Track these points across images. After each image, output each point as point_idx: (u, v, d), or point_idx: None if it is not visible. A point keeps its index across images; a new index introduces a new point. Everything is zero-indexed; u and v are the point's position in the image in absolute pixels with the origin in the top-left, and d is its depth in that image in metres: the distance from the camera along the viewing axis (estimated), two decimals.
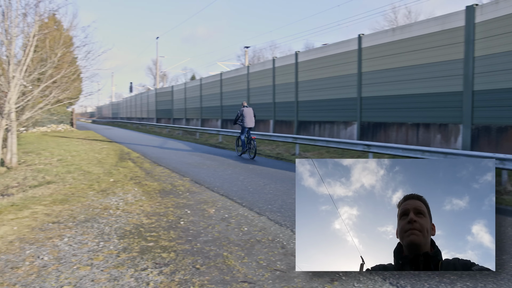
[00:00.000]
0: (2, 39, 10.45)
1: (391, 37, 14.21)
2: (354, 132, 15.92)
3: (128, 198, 7.90)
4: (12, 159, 13.01)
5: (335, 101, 16.98)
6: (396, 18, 46.36)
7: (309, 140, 14.70)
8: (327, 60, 17.39)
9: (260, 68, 23.22)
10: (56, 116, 31.08)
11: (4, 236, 5.50)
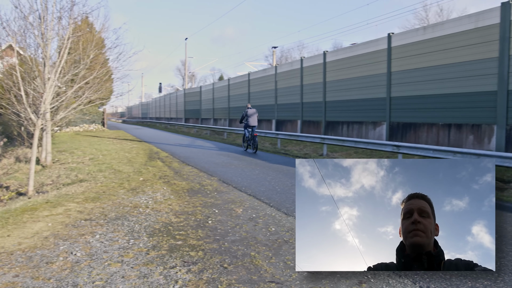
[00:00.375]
0: (38, 41, 10.81)
1: (422, 36, 13.92)
2: (383, 133, 15.68)
3: (157, 197, 8.04)
4: (47, 158, 13.45)
5: (364, 101, 16.76)
6: (427, 16, 45.36)
7: (337, 140, 14.58)
8: (356, 59, 17.19)
9: (288, 68, 23.16)
10: (88, 116, 31.87)
11: (40, 232, 5.70)
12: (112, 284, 3.99)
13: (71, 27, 11.01)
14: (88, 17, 14.41)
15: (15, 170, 13.18)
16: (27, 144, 16.71)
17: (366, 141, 13.26)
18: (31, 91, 10.61)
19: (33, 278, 4.13)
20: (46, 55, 10.72)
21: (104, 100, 20.94)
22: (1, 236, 5.54)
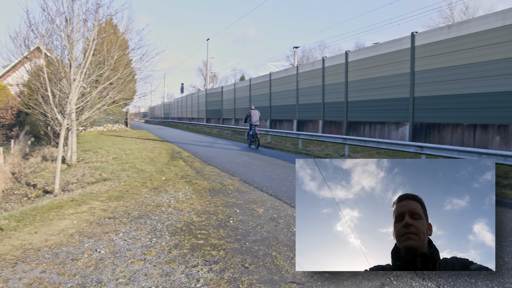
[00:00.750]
0: (65, 43, 11.06)
1: (446, 35, 13.66)
2: (406, 133, 15.45)
3: (179, 196, 8.12)
4: (72, 157, 13.75)
5: (386, 101, 16.56)
6: (452, 15, 44.47)
7: (359, 141, 14.45)
8: (378, 59, 16.99)
9: (310, 68, 23.07)
10: (112, 116, 32.42)
11: (65, 229, 5.83)
12: (135, 282, 4.05)
13: (96, 29, 11.22)
14: (112, 19, 14.66)
15: (42, 169, 13.52)
16: (53, 144, 17.12)
17: (389, 141, 13.10)
18: (57, 91, 10.86)
19: (59, 274, 4.23)
20: (72, 57, 10.96)
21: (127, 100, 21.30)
22: (29, 232, 5.69)
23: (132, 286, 3.96)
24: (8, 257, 4.74)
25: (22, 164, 15.45)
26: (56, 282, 4.05)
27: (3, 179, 12.33)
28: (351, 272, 4.10)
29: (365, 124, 17.96)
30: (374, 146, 13.74)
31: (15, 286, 3.96)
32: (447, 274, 4.09)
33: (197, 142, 22.54)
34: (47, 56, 12.36)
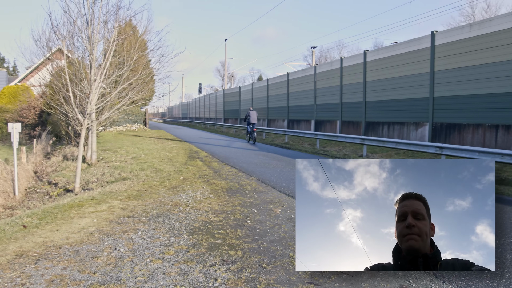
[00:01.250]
0: (85, 44, 11.25)
1: (468, 33, 13.42)
2: (426, 134, 15.24)
3: (197, 196, 8.17)
4: (92, 156, 13.96)
5: (405, 101, 16.36)
6: (474, 13, 43.66)
7: (377, 141, 14.31)
8: (397, 59, 16.80)
9: (327, 68, 22.95)
10: (131, 116, 32.80)
11: (86, 228, 5.93)
12: (153, 280, 4.10)
13: (116, 30, 11.38)
14: (131, 20, 14.87)
15: (63, 168, 13.77)
16: (74, 143, 17.42)
17: (408, 142, 12.94)
18: (78, 92, 11.05)
19: (79, 272, 4.30)
20: (92, 58, 11.14)
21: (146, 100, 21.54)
22: (51, 230, 5.81)
23: (150, 284, 4.00)
24: (31, 253, 4.85)
25: (44, 163, 15.77)
26: (77, 279, 4.13)
27: (26, 178, 12.60)
28: (369, 274, 4.07)
29: (383, 124, 17.77)
30: (393, 146, 13.59)
31: (38, 282, 4.05)
32: (468, 277, 4.03)
33: (214, 142, 22.64)
34: (69, 57, 12.59)
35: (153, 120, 77.15)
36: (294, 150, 17.83)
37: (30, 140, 23.77)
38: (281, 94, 29.17)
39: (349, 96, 20.56)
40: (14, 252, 4.91)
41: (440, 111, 14.60)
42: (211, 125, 41.82)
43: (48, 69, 16.34)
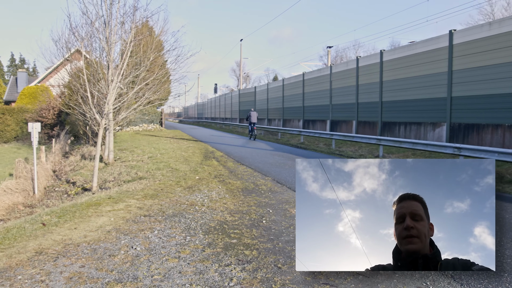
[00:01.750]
0: (103, 45, 11.40)
1: (487, 32, 13.19)
2: (443, 134, 15.03)
3: (213, 196, 8.21)
4: (109, 156, 14.14)
5: (423, 101, 16.16)
6: (493, 11, 42.92)
7: (394, 141, 14.17)
8: (414, 58, 16.61)
9: (343, 68, 22.81)
10: (148, 116, 33.08)
11: (103, 226, 6.01)
12: (169, 279, 4.13)
13: (133, 31, 11.50)
14: (148, 21, 14.98)
15: (81, 167, 13.97)
16: (92, 143, 17.65)
17: (425, 142, 12.78)
18: (96, 92, 11.20)
19: (97, 269, 4.37)
20: (110, 58, 11.28)
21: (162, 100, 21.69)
22: (69, 228, 5.90)
23: (166, 283, 4.04)
24: (50, 251, 4.93)
25: (63, 162, 16.03)
26: (95, 276, 4.18)
27: (45, 177, 12.82)
28: (385, 275, 4.04)
29: (400, 124, 17.59)
30: (410, 147, 13.45)
31: (57, 279, 4.12)
32: (487, 280, 3.97)
33: (230, 142, 22.71)
34: (87, 58, 12.77)
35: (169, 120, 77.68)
36: (310, 150, 17.77)
37: (49, 139, 24.19)
38: (296, 94, 29.10)
39: (365, 96, 20.40)
40: (34, 249, 5.00)
41: (458, 111, 14.39)
42: (226, 125, 41.94)
43: (66, 69, 16.60)
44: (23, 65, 71.56)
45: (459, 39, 14.29)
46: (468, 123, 13.97)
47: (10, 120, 27.52)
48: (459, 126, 14.33)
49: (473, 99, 13.72)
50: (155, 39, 14.64)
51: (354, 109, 21.33)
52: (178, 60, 15.04)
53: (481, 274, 4.02)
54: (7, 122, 27.45)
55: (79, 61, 15.21)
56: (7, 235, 5.58)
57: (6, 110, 27.85)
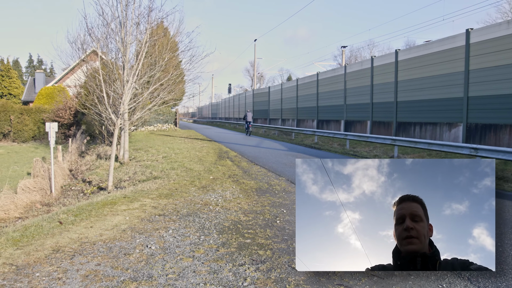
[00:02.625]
0: (119, 46, 11.52)
1: (505, 30, 12.97)
2: (459, 134, 14.83)
3: (227, 195, 8.23)
4: (124, 155, 14.28)
5: (438, 101, 15.97)
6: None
7: (409, 142, 14.02)
8: (430, 58, 16.42)
9: (358, 68, 22.66)
10: (162, 116, 33.33)
11: (118, 225, 6.07)
12: (184, 278, 4.16)
13: (148, 31, 11.59)
14: (163, 21, 15.09)
15: (97, 166, 14.14)
16: (107, 142, 17.85)
17: (441, 143, 12.62)
18: (111, 92, 11.32)
19: (113, 268, 4.42)
20: (125, 59, 11.40)
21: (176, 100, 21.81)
22: (85, 227, 5.98)
23: (181, 282, 4.07)
24: (66, 249, 5.01)
25: (79, 161, 16.24)
26: (110, 275, 4.23)
27: (62, 176, 13.01)
28: (400, 277, 4.01)
29: (415, 124, 17.41)
30: (425, 147, 13.30)
31: (73, 277, 4.18)
32: (505, 284, 3.91)
33: (244, 142, 22.74)
34: (102, 59, 12.92)
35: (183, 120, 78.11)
36: (324, 150, 17.70)
37: (65, 139, 24.54)
38: (310, 94, 29.01)
39: (379, 96, 20.24)
40: (51, 247, 5.08)
41: (475, 111, 14.18)
42: (240, 125, 41.99)
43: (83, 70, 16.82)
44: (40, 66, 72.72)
45: (476, 38, 14.08)
46: (485, 123, 13.76)
47: (28, 120, 28.00)
48: (476, 127, 14.13)
49: (490, 99, 13.51)
50: (170, 39, 14.74)
51: (368, 109, 21.18)
52: (193, 61, 15.11)
53: (498, 277, 3.97)
54: (25, 122, 27.94)
55: (95, 62, 15.40)
56: (26, 233, 5.68)
57: (24, 110, 28.36)
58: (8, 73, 46.27)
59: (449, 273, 4.11)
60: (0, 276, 4.23)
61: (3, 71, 46.64)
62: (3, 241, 5.33)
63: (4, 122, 27.69)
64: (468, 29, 14.45)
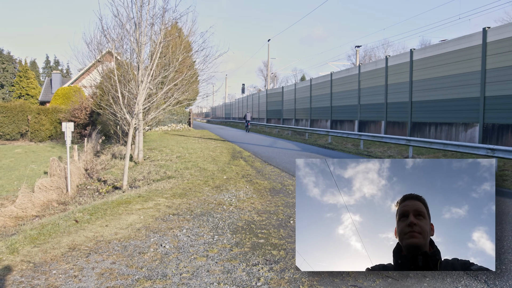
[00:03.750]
0: (133, 47, 11.62)
1: None
2: (476, 135, 14.62)
3: (240, 195, 8.25)
4: (139, 155, 14.41)
5: (454, 101, 15.76)
6: None
7: (424, 142, 13.86)
8: (446, 57, 16.22)
9: (372, 68, 22.50)
10: (176, 116, 33.53)
11: (133, 224, 6.13)
12: (198, 277, 4.18)
13: (163, 32, 11.67)
14: (177, 22, 15.19)
15: (111, 166, 14.29)
16: (122, 142, 18.03)
17: (456, 143, 12.45)
18: (126, 93, 11.42)
19: (127, 266, 4.46)
20: (140, 59, 11.49)
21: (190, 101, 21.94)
22: (101, 225, 6.05)
23: (195, 281, 4.09)
24: (82, 247, 5.08)
25: (94, 161, 16.42)
26: (125, 273, 4.28)
27: (78, 175, 13.18)
28: (416, 279, 3.98)
29: (430, 125, 17.22)
30: (440, 148, 13.14)
31: (89, 275, 4.24)
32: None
33: (257, 142, 22.75)
34: (117, 60, 13.05)
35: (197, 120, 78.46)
36: (337, 150, 17.61)
37: (81, 139, 24.84)
38: (324, 94, 28.90)
39: (394, 96, 20.07)
40: (67, 245, 5.16)
41: (492, 111, 13.97)
42: (253, 125, 42.02)
43: (98, 70, 17.01)
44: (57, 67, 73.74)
45: (494, 37, 13.87)
46: (502, 123, 13.54)
47: (45, 120, 28.44)
48: (493, 127, 13.91)
49: (508, 98, 13.30)
50: (184, 40, 14.83)
51: (383, 109, 21.02)
52: (206, 61, 15.18)
53: None
54: (42, 122, 28.39)
55: (110, 63, 15.56)
56: (43, 231, 5.77)
57: (41, 110, 28.82)
58: (26, 74, 47.03)
59: (465, 275, 4.06)
60: (18, 273, 4.31)
61: (21, 72, 47.44)
62: (21, 238, 5.42)
63: (22, 122, 28.17)
64: (485, 27, 14.24)
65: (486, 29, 14.21)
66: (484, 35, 14.21)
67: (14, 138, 28.23)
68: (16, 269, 4.40)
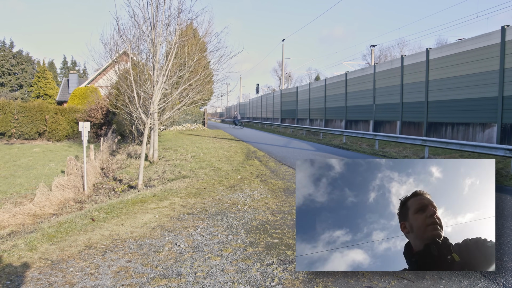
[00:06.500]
0: (149, 47, 11.72)
1: None
2: (494, 135, 14.38)
3: (255, 195, 8.26)
4: (154, 155, 14.52)
5: (471, 101, 15.53)
6: None
7: (440, 143, 13.68)
8: (463, 56, 15.99)
9: (387, 67, 22.30)
10: (191, 116, 33.67)
11: (148, 223, 6.19)
12: (212, 276, 4.20)
13: (178, 32, 11.75)
14: (192, 22, 15.25)
15: (127, 165, 14.43)
16: (137, 142, 18.20)
17: (474, 144, 12.27)
18: (142, 93, 11.54)
19: (143, 265, 4.51)
20: (155, 60, 11.59)
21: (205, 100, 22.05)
22: (116, 224, 6.12)
23: (209, 280, 4.11)
24: (98, 245, 5.14)
25: (110, 160, 16.61)
26: (140, 272, 4.32)
27: (94, 174, 13.34)
28: (432, 280, 3.93)
29: (447, 125, 17.00)
30: (457, 148, 12.95)
31: (105, 272, 4.29)
32: None
33: (271, 142, 22.73)
34: (133, 60, 13.17)
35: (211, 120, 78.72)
36: (352, 151, 17.50)
37: (97, 138, 25.15)
38: (339, 94, 28.75)
39: (410, 96, 19.86)
40: (84, 243, 5.23)
41: (511, 111, 13.72)
42: (268, 125, 42.00)
43: (115, 71, 17.19)
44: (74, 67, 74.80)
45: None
46: None
47: (62, 119, 28.89)
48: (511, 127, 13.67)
49: None
50: (199, 40, 14.89)
51: (398, 109, 20.82)
52: (221, 61, 15.22)
53: None
54: (59, 121, 28.84)
55: (126, 63, 15.72)
56: (60, 229, 5.86)
57: (58, 110, 29.28)
58: (44, 74, 47.85)
59: (482, 278, 4.00)
60: (37, 270, 4.38)
61: (39, 73, 48.29)
62: (39, 236, 5.52)
63: (40, 121, 28.66)
64: (504, 26, 14.00)
65: (505, 27, 13.97)
66: (503, 34, 13.97)
67: (32, 138, 28.75)
68: (35, 266, 4.48)
